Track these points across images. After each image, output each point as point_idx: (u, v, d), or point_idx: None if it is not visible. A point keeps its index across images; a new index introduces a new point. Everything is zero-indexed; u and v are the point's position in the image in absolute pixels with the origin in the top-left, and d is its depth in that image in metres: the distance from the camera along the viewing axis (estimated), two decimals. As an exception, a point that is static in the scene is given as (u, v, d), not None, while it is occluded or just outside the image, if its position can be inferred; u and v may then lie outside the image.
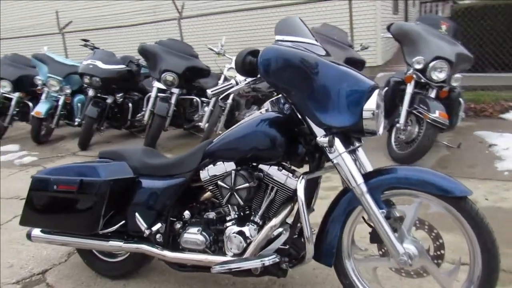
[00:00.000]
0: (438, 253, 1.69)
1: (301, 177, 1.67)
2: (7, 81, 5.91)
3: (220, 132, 4.59)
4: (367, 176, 1.69)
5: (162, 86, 4.82)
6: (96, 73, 5.04)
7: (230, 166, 1.86)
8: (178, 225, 1.99)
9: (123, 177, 1.99)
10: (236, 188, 1.77)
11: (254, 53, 1.64)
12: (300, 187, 1.63)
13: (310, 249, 1.68)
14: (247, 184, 1.75)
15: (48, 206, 2.04)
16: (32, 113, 5.43)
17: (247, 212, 1.91)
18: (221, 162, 1.87)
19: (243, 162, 1.84)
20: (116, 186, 1.97)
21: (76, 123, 5.61)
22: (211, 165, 1.89)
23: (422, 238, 1.71)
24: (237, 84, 1.74)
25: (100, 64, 5.09)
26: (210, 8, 7.85)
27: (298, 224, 1.88)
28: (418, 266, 1.68)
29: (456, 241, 2.16)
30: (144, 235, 1.94)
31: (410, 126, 3.73)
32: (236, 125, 1.87)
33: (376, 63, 7.75)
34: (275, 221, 1.77)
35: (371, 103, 1.60)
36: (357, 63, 4.44)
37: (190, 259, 1.89)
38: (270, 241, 1.81)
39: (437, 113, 3.41)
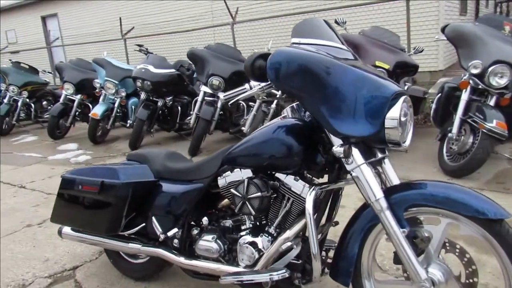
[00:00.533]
0: (470, 281, 1.50)
1: (312, 188, 1.56)
2: (70, 84, 6.32)
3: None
4: (389, 191, 1.55)
5: (208, 90, 4.88)
6: (148, 77, 5.22)
7: (247, 173, 1.79)
8: (195, 231, 1.96)
9: (142, 180, 1.99)
10: (249, 197, 1.70)
11: (265, 56, 1.56)
12: (309, 199, 1.52)
13: (317, 266, 1.56)
14: (259, 194, 1.67)
15: (74, 205, 2.10)
16: (90, 114, 5.75)
17: (263, 222, 1.83)
18: (239, 169, 1.81)
19: (260, 170, 1.77)
20: (136, 189, 1.98)
21: (128, 125, 5.86)
22: (229, 172, 1.84)
23: (455, 262, 1.52)
24: (251, 88, 1.67)
25: (151, 68, 5.27)
26: (263, 12, 7.85)
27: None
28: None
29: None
30: (159, 239, 1.93)
31: (463, 136, 3.42)
32: (255, 131, 1.80)
33: (437, 67, 7.27)
34: (288, 233, 1.67)
35: (395, 111, 1.46)
36: (409, 68, 4.18)
37: (203, 266, 1.85)
38: (283, 254, 1.71)
39: (494, 123, 3.09)
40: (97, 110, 5.71)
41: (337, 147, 1.49)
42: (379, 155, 1.59)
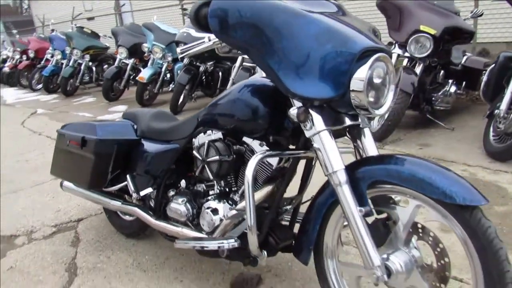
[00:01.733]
0: (441, 274, 1.28)
1: (258, 153, 1.40)
2: (124, 48, 6.54)
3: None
4: (355, 165, 1.36)
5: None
6: (188, 41, 5.20)
7: (218, 136, 1.69)
8: (171, 193, 1.91)
9: (120, 138, 1.97)
10: (208, 160, 1.60)
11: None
12: (251, 164, 1.36)
13: (252, 240, 1.42)
14: (217, 157, 1.57)
15: (65, 159, 2.15)
16: (137, 78, 5.92)
17: (234, 189, 1.73)
18: (211, 131, 1.71)
19: (230, 132, 1.65)
20: (115, 146, 1.96)
21: (170, 89, 5.95)
22: (202, 134, 1.74)
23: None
24: (209, 41, 1.53)
25: (192, 32, 5.22)
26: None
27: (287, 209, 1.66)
28: (405, 286, 1.30)
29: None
30: (133, 198, 1.91)
31: (513, 113, 2.96)
32: (225, 91, 1.67)
33: (514, 37, 6.40)
34: (256, 197, 1.55)
35: (363, 71, 1.25)
36: (463, 34, 3.70)
37: (168, 229, 1.80)
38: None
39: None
40: (144, 74, 5.86)
41: (293, 110, 1.32)
42: (348, 122, 1.39)
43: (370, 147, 1.45)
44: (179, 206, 1.80)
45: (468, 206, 1.13)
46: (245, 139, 1.63)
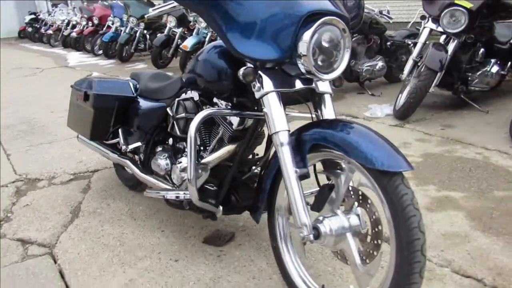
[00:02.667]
0: (374, 242, 1.29)
1: (202, 112, 1.46)
2: (173, 17, 6.74)
3: (323, 79, 4.28)
4: (302, 128, 1.38)
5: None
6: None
7: (190, 95, 1.78)
8: (158, 149, 2.04)
9: (115, 94, 2.11)
10: (176, 117, 1.69)
11: None
12: (194, 120, 1.44)
13: (192, 192, 1.50)
14: (183, 115, 1.65)
15: (75, 112, 2.36)
16: (181, 46, 6.11)
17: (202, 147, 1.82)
18: (190, 92, 1.80)
19: (204, 93, 1.73)
20: (111, 101, 2.12)
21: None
22: (184, 94, 1.84)
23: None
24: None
25: None
26: None
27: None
28: (335, 248, 1.33)
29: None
30: (122, 150, 2.07)
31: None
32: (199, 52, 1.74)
33: None
34: (209, 158, 1.64)
35: (307, 34, 1.26)
36: (507, 9, 3.40)
37: (149, 181, 1.94)
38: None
39: None
40: (188, 43, 6.03)
41: (241, 70, 1.36)
42: (298, 86, 1.40)
43: (328, 113, 1.46)
44: (160, 161, 1.92)
45: (388, 172, 1.13)
46: (215, 100, 1.70)
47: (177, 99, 1.71)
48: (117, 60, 8.34)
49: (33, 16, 15.11)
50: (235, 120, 1.60)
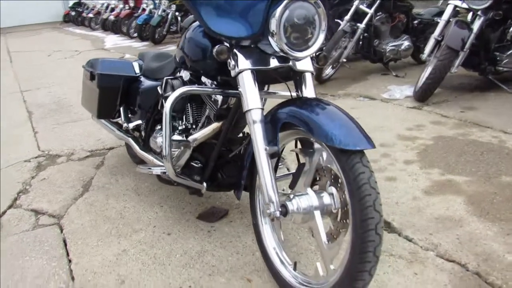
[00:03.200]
0: (343, 221, 1.29)
1: (178, 89, 1.49)
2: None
3: (344, 60, 4.19)
4: (277, 106, 1.39)
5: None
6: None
7: (186, 76, 1.81)
8: (157, 127, 2.11)
9: (116, 74, 2.18)
10: (164, 95, 1.74)
11: None
12: (171, 97, 1.47)
13: (168, 167, 1.55)
14: (170, 93, 1.69)
15: (85, 91, 2.47)
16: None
17: (194, 126, 1.86)
18: (183, 71, 1.84)
19: (192, 72, 1.76)
20: (114, 80, 2.19)
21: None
22: (178, 73, 1.88)
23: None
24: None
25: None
26: None
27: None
28: (304, 225, 1.34)
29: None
30: (123, 128, 2.15)
31: None
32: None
33: None
34: (196, 135, 1.68)
35: (278, 12, 1.26)
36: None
37: (145, 157, 2.01)
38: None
39: None
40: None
41: (216, 48, 1.38)
42: (273, 64, 1.39)
43: (308, 92, 1.45)
44: (156, 139, 1.99)
45: (346, 150, 1.12)
46: (203, 79, 1.72)
47: (165, 77, 1.75)
48: (150, 42, 8.52)
49: (76, 0, 15.65)
50: (219, 99, 1.62)
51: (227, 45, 1.38)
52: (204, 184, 1.68)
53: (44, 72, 6.27)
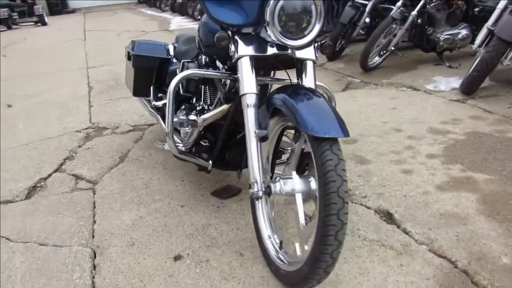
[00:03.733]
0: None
1: (182, 72, 1.60)
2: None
3: (392, 48, 4.05)
4: (272, 93, 1.45)
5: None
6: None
7: (205, 59, 1.92)
8: (182, 106, 2.25)
9: (148, 55, 2.34)
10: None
11: None
12: (174, 80, 1.58)
13: (170, 144, 1.66)
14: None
15: (126, 70, 2.68)
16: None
17: (205, 107, 1.97)
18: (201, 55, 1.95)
19: (208, 56, 1.86)
20: (146, 61, 2.36)
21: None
22: (200, 57, 2.00)
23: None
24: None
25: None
26: None
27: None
28: (286, 206, 1.41)
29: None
30: (152, 105, 2.32)
31: None
32: None
33: None
34: (206, 116, 1.79)
35: (273, 1, 1.32)
36: None
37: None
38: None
39: None
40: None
41: (217, 34, 1.46)
42: (270, 52, 1.45)
43: (308, 81, 1.49)
44: (178, 117, 2.13)
45: (318, 138, 1.16)
46: (218, 63, 1.82)
47: (182, 60, 1.87)
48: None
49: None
50: (228, 83, 1.71)
51: (229, 32, 1.46)
52: (210, 162, 1.79)
53: (110, 50, 6.73)
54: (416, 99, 3.26)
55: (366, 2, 4.54)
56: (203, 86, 2.00)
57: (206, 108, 1.97)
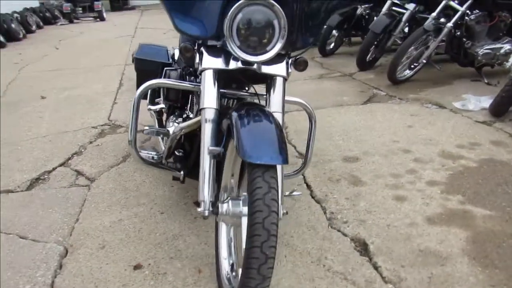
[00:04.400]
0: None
1: (148, 82, 1.57)
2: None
3: (424, 61, 3.81)
4: (233, 108, 1.40)
5: (395, 0, 4.33)
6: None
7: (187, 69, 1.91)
8: (176, 113, 2.25)
9: (151, 59, 2.36)
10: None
11: None
12: (137, 91, 1.57)
13: (131, 151, 1.64)
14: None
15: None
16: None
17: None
18: None
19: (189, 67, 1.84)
20: (149, 65, 2.38)
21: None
22: None
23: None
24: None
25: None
26: None
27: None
28: (233, 226, 1.35)
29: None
30: (147, 108, 2.34)
31: None
32: None
33: None
34: (179, 126, 1.76)
35: (230, 14, 1.26)
36: None
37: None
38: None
39: None
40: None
41: (181, 45, 1.44)
42: (233, 66, 1.39)
43: (274, 98, 1.42)
44: (171, 117, 2.13)
45: (251, 163, 1.10)
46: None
47: (165, 68, 1.86)
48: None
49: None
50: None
51: (189, 42, 1.43)
52: (182, 172, 1.77)
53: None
54: (438, 118, 3.04)
55: (403, 11, 4.34)
56: (191, 95, 1.98)
57: (191, 117, 1.94)
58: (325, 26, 5.39)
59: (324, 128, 2.94)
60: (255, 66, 1.40)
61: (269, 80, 1.44)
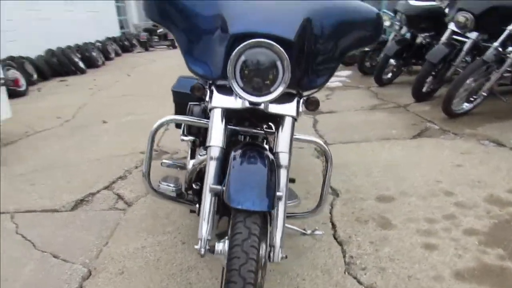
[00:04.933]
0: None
1: (162, 119, 1.62)
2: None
3: (484, 94, 3.54)
4: (238, 148, 1.41)
5: (455, 29, 4.10)
6: (403, 10, 4.87)
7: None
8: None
9: (187, 92, 2.44)
10: (185, 119, 1.90)
11: None
12: (154, 126, 1.61)
13: (145, 184, 1.67)
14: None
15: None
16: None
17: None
18: None
19: None
20: (185, 98, 2.47)
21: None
22: None
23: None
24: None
25: (412, 1, 4.84)
26: None
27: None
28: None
29: None
30: (180, 139, 2.42)
31: None
32: None
33: None
34: (194, 161, 1.80)
35: (233, 57, 1.29)
36: None
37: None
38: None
39: None
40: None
41: (193, 84, 1.48)
42: (240, 105, 1.40)
43: (281, 138, 1.41)
44: (197, 153, 2.18)
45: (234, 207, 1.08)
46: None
47: (189, 103, 1.92)
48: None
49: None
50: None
51: (200, 82, 1.47)
52: (197, 206, 1.79)
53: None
54: (492, 157, 2.78)
55: (465, 40, 4.10)
56: None
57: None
58: (382, 55, 5.27)
59: (364, 164, 2.83)
60: (262, 106, 1.41)
61: (279, 118, 1.43)
